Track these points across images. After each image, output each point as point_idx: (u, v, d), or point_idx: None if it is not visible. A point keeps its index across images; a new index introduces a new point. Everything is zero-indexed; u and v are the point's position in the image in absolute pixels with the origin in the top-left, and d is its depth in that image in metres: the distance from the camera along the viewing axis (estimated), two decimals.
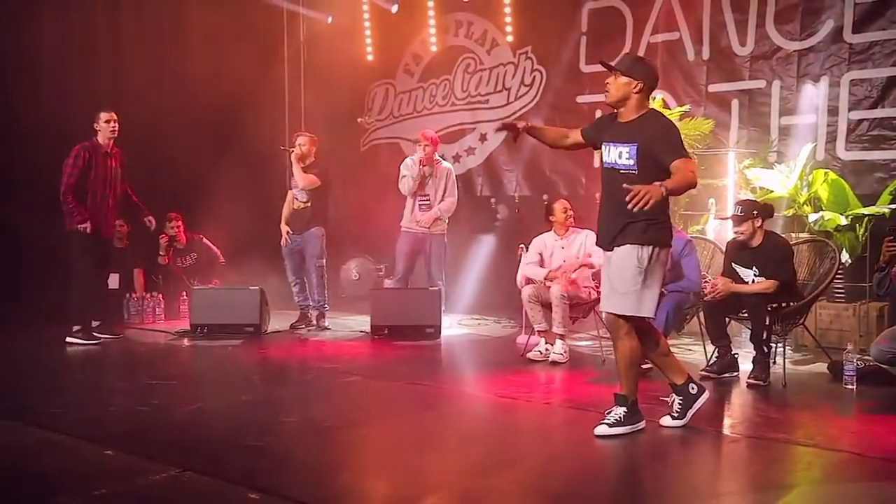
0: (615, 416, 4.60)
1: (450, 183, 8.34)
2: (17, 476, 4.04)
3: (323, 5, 11.60)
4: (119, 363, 7.28)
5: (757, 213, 6.06)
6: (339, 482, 3.94)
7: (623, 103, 4.60)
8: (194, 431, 4.92)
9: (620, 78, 4.56)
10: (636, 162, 4.47)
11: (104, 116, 7.51)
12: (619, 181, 4.46)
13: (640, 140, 4.47)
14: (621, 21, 9.55)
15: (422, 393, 5.91)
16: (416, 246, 8.33)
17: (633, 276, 4.48)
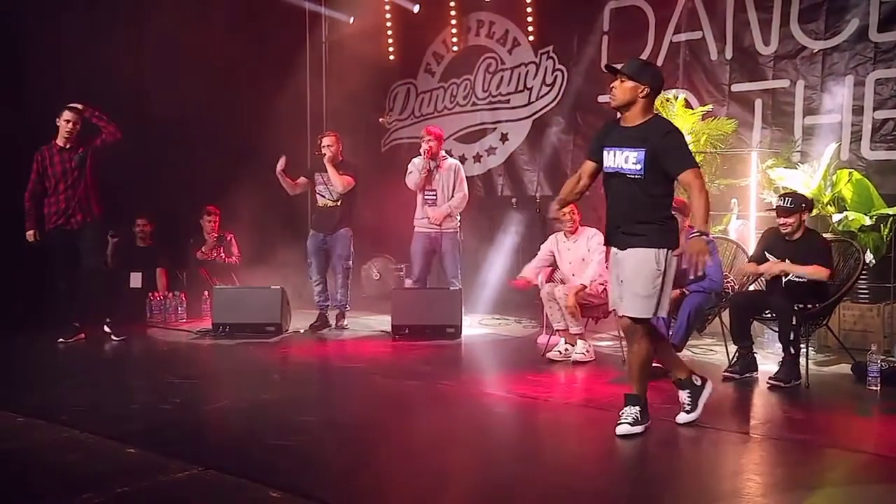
0: (632, 415, 4.63)
1: (458, 179, 8.31)
2: (41, 473, 4.10)
3: (345, 6, 11.64)
4: (141, 362, 7.34)
5: (805, 205, 6.07)
6: (360, 481, 3.96)
7: (628, 107, 4.60)
8: (216, 430, 4.97)
9: (627, 82, 4.55)
10: (644, 167, 4.49)
11: (64, 116, 7.47)
12: (626, 185, 4.56)
13: (649, 146, 4.47)
14: (644, 20, 9.50)
15: (442, 392, 5.93)
16: (429, 245, 8.31)
17: (654, 279, 4.51)
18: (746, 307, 6.11)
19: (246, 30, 10.06)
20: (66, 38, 8.80)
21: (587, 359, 6.69)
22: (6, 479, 4.02)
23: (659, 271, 4.51)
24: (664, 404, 5.37)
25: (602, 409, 5.38)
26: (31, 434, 4.77)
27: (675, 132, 4.62)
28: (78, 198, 7.52)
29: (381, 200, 10.00)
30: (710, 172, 8.19)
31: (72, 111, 7.45)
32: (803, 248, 6.00)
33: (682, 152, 4.56)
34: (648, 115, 4.62)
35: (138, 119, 9.18)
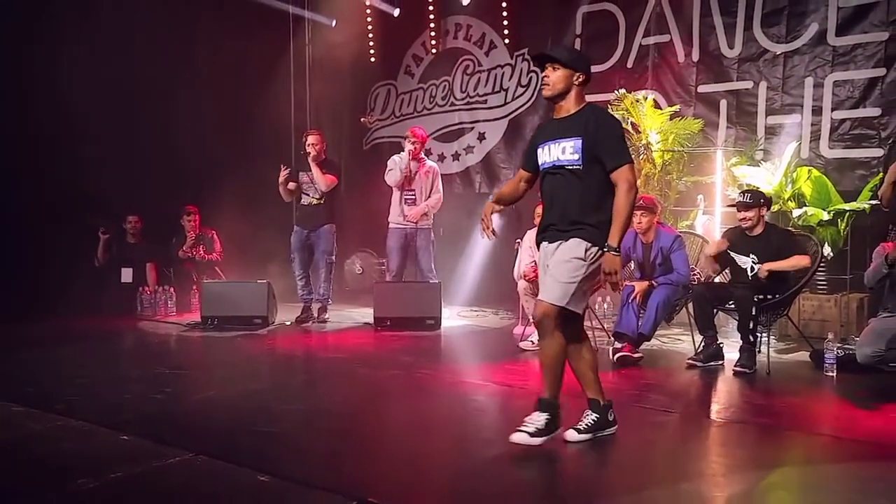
0: (536, 423, 4.15)
1: (436, 181, 8.42)
2: (38, 460, 4.09)
3: (327, 9, 11.64)
4: (133, 353, 7.34)
5: (763, 201, 6.15)
6: (343, 466, 3.99)
7: (563, 97, 4.23)
8: (206, 418, 4.97)
9: (561, 70, 4.20)
10: (581, 156, 4.09)
11: None
12: (564, 178, 4.17)
13: (585, 135, 4.09)
14: (614, 24, 9.59)
15: (423, 381, 5.97)
16: (405, 241, 8.37)
17: (577, 268, 4.09)
18: (709, 298, 6.20)
19: (231, 32, 10.02)
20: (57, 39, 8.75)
21: None
22: (4, 467, 4.01)
23: (583, 263, 4.08)
24: (633, 390, 5.49)
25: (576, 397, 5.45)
26: (27, 423, 4.75)
27: (613, 123, 4.28)
28: None
29: (363, 197, 10.05)
30: (677, 170, 8.31)
31: None
32: (764, 242, 6.11)
33: (619, 144, 4.16)
34: (583, 104, 4.25)
35: (127, 120, 9.18)
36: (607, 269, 4.05)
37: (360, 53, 11.58)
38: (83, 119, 8.66)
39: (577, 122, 4.16)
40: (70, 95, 8.45)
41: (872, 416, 4.89)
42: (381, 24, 11.51)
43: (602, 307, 7.76)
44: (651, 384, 5.68)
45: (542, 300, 4.19)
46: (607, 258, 4.04)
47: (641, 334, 6.34)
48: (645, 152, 8.32)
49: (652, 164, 8.31)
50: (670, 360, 6.54)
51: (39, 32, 8.50)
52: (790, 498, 3.64)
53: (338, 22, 11.70)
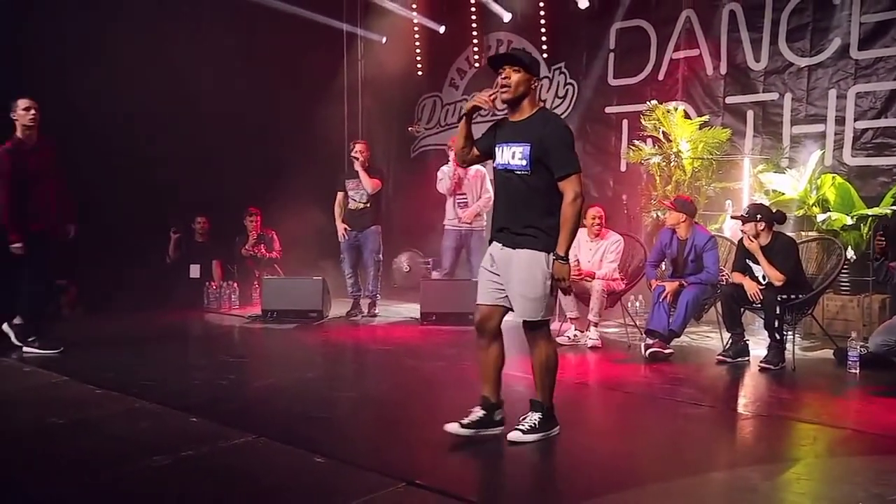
0: (530, 422, 4.06)
1: (485, 182, 8.40)
2: (118, 437, 4.18)
3: (378, 27, 11.71)
4: (200, 343, 7.43)
5: (760, 217, 6.02)
6: (393, 449, 4.01)
7: (522, 100, 3.95)
8: (266, 403, 5.02)
9: (522, 73, 3.92)
10: (529, 163, 3.87)
11: (22, 104, 6.13)
12: (514, 182, 3.95)
13: (535, 140, 3.86)
14: (646, 39, 9.50)
15: (465, 372, 5.95)
16: (459, 241, 8.39)
17: (543, 282, 3.92)
18: (737, 298, 6.11)
19: (291, 48, 10.12)
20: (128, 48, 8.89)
21: (599, 344, 6.73)
22: (87, 443, 4.10)
23: (547, 273, 3.91)
24: (664, 384, 5.43)
25: (610, 389, 5.43)
26: (107, 404, 4.85)
27: (563, 130, 3.96)
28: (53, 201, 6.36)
29: (410, 201, 10.07)
30: (706, 177, 8.21)
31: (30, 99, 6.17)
32: (772, 252, 5.99)
33: (566, 152, 3.89)
34: (535, 108, 3.99)
35: (196, 129, 9.31)
36: (556, 276, 3.91)
37: (408, 67, 11.61)
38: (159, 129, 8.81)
39: (528, 127, 3.93)
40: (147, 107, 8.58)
41: (894, 411, 4.79)
42: (428, 40, 11.54)
43: (634, 305, 7.69)
44: (681, 378, 5.61)
45: (521, 318, 4.03)
46: (556, 266, 3.89)
47: (672, 331, 6.27)
48: (675, 160, 8.24)
49: (682, 171, 8.22)
50: (700, 356, 6.46)
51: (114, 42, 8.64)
52: (814, 488, 3.58)
53: (388, 39, 11.76)
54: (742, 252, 6.20)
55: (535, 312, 3.99)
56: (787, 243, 6.06)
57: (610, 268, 6.86)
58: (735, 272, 6.23)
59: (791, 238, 6.26)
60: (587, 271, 6.85)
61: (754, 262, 6.07)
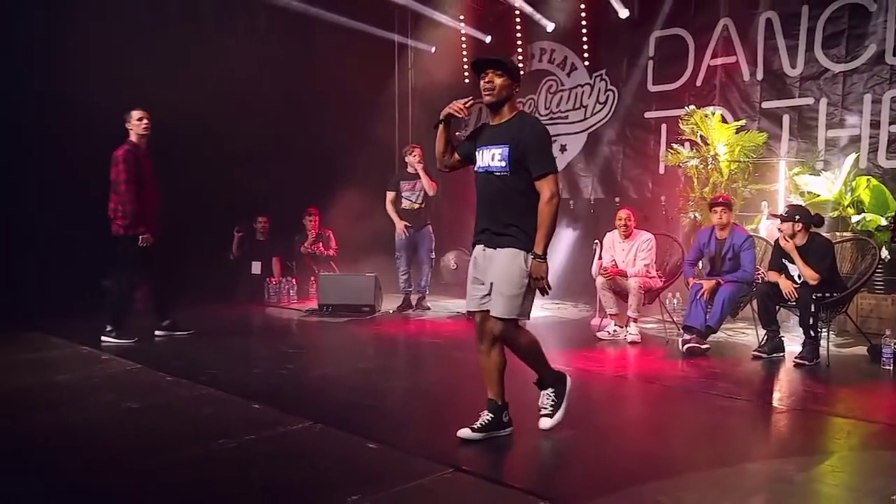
0: (550, 398, 4.10)
1: None
2: (187, 422, 4.28)
3: (427, 38, 11.76)
4: (261, 335, 7.54)
5: (798, 218, 5.92)
6: (441, 437, 4.03)
7: (503, 104, 3.86)
8: (322, 392, 5.08)
9: (505, 78, 3.82)
10: (508, 164, 3.78)
11: (136, 114, 6.47)
12: (494, 184, 3.85)
13: (513, 143, 3.77)
14: (684, 47, 9.39)
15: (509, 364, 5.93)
16: None
17: (520, 279, 3.80)
18: (772, 295, 6.01)
19: (346, 58, 10.22)
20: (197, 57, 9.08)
21: (638, 339, 6.68)
22: (159, 426, 4.20)
23: (525, 271, 3.78)
24: (701, 378, 5.37)
25: (648, 382, 5.39)
26: (177, 390, 4.97)
27: (541, 132, 3.85)
28: (156, 204, 6.65)
29: (457, 201, 10.08)
30: (742, 179, 8.09)
31: (143, 110, 6.53)
32: (808, 252, 5.89)
33: (543, 153, 3.80)
34: (514, 112, 3.89)
35: (258, 134, 9.46)
36: (534, 275, 3.76)
37: (456, 75, 11.59)
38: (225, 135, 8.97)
39: (507, 129, 3.84)
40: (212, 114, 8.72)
41: None
42: (475, 49, 11.51)
43: (672, 302, 7.62)
44: (718, 373, 5.54)
45: (494, 317, 3.87)
46: (533, 265, 3.76)
47: (709, 327, 6.20)
48: (713, 162, 8.13)
49: (719, 173, 8.11)
50: (736, 352, 6.36)
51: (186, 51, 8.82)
52: (848, 480, 3.51)
53: (436, 49, 11.81)
54: (778, 251, 6.10)
55: (508, 310, 3.83)
56: (824, 244, 5.94)
57: (642, 265, 6.79)
58: (771, 271, 6.13)
59: (827, 239, 6.13)
60: (620, 270, 6.81)
61: (790, 261, 5.97)
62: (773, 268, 6.13)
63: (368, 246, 9.68)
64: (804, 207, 6.28)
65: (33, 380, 5.27)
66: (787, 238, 5.95)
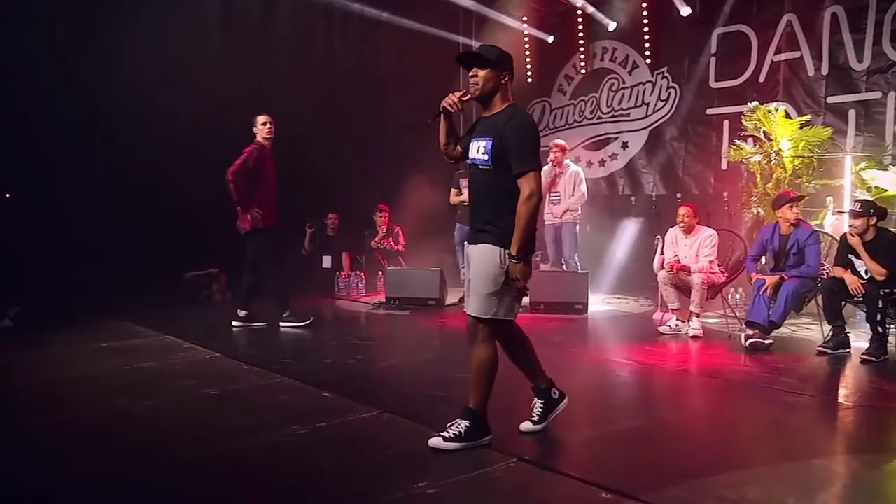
0: (456, 429, 3.63)
1: (578, 182, 8.35)
2: (262, 407, 4.36)
3: (491, 39, 11.68)
4: (332, 326, 7.59)
5: (873, 211, 5.70)
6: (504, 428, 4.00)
7: (491, 97, 3.64)
8: (390, 382, 5.11)
9: (489, 70, 3.59)
10: (490, 157, 3.56)
11: (261, 119, 6.75)
12: (478, 177, 3.67)
13: (496, 136, 3.54)
14: (747, 43, 9.10)
15: (572, 358, 5.90)
16: (555, 234, 8.44)
17: (495, 278, 3.54)
18: (838, 291, 5.79)
19: (412, 60, 10.25)
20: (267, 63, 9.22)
21: (701, 334, 6.52)
22: (236, 412, 4.29)
23: (502, 269, 3.53)
24: (764, 373, 5.20)
25: (711, 376, 5.25)
26: (253, 378, 5.06)
27: (525, 126, 3.58)
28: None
29: None
30: (807, 174, 7.80)
31: (267, 115, 6.82)
32: (877, 247, 5.66)
33: (525, 149, 3.52)
34: (506, 104, 3.64)
35: (329, 134, 9.57)
36: (511, 276, 3.51)
37: (519, 75, 11.37)
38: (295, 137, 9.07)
39: (495, 122, 3.60)
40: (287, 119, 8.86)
41: None
42: (537, 49, 11.46)
43: (734, 297, 7.43)
44: (781, 368, 5.36)
45: (468, 314, 3.67)
46: (509, 265, 3.50)
47: (772, 322, 5.99)
48: (776, 158, 7.86)
49: (783, 169, 7.83)
50: (800, 347, 6.15)
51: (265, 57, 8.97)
52: None
53: None
54: (844, 247, 5.87)
55: (481, 309, 3.59)
56: (892, 240, 5.70)
57: (706, 261, 6.62)
58: (836, 266, 5.90)
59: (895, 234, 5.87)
60: (683, 265, 6.65)
61: (856, 256, 5.74)
62: (839, 263, 5.90)
63: (434, 241, 9.69)
64: (873, 202, 6.02)
65: (118, 366, 5.44)
66: (852, 233, 5.72)
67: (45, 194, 7.61)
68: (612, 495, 3.04)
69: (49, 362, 5.59)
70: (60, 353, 5.94)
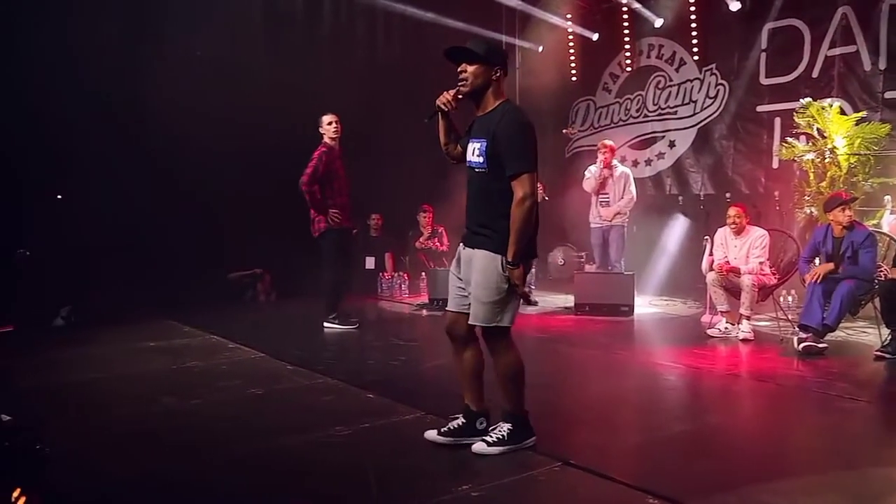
0: (498, 433, 3.57)
1: (628, 184, 8.23)
2: (306, 409, 4.40)
3: (534, 37, 11.67)
4: (375, 327, 7.62)
5: None
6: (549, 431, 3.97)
7: (483, 93, 3.50)
8: (433, 383, 5.11)
9: (479, 65, 3.46)
10: (485, 160, 3.42)
11: (326, 119, 6.80)
12: (474, 180, 3.52)
13: (489, 136, 3.40)
14: (799, 37, 8.90)
15: (617, 360, 5.84)
16: (603, 237, 8.33)
17: (498, 285, 3.42)
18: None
19: None
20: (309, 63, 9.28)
21: (751, 337, 6.39)
22: (280, 412, 4.34)
23: (504, 276, 3.40)
24: (819, 378, 5.07)
25: (761, 381, 5.13)
26: (297, 378, 5.12)
27: (520, 125, 3.41)
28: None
29: (564, 198, 9.94)
30: (863, 172, 7.60)
31: (333, 114, 6.88)
32: None
33: (519, 149, 3.36)
34: (500, 100, 3.50)
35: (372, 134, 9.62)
36: (511, 279, 3.39)
37: (563, 73, 11.52)
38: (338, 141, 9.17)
39: (489, 121, 3.46)
40: None
41: None
42: (582, 47, 11.39)
43: (786, 299, 7.25)
44: (836, 373, 5.21)
45: (472, 322, 3.53)
46: (508, 271, 3.39)
47: (826, 325, 5.83)
48: (830, 156, 7.67)
49: (837, 167, 7.63)
50: (856, 351, 5.98)
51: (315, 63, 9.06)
52: None
53: (543, 47, 11.71)
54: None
55: (487, 318, 3.48)
56: None
57: (756, 262, 6.48)
58: (895, 267, 5.73)
59: None
60: (733, 266, 6.52)
61: None
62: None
63: None
64: None
65: (165, 365, 5.56)
66: None
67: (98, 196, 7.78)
68: (659, 501, 2.99)
69: (99, 360, 5.73)
70: (110, 350, 6.09)
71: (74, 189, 7.84)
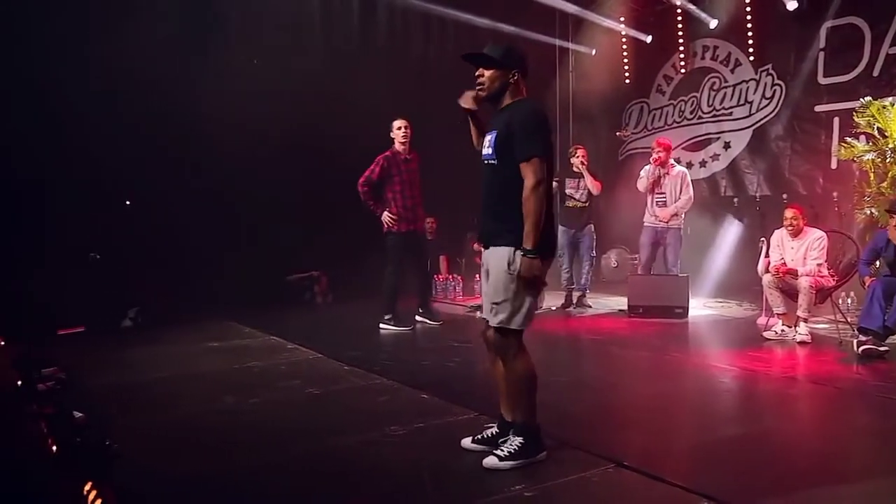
0: (509, 447, 3.41)
1: (684, 184, 8.04)
2: (363, 409, 4.45)
3: (587, 41, 11.61)
4: (429, 329, 7.63)
5: None
6: (602, 431, 3.97)
7: (501, 95, 3.48)
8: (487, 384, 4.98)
9: (495, 70, 3.45)
10: (493, 150, 3.39)
11: (396, 124, 7.12)
12: (487, 173, 3.47)
13: (501, 127, 3.37)
14: (859, 36, 8.66)
15: (671, 363, 5.77)
16: (655, 238, 8.12)
17: (506, 283, 3.33)
18: None
19: None
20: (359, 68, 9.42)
21: (809, 339, 6.24)
22: (338, 412, 4.41)
23: (512, 273, 3.30)
24: (879, 382, 4.93)
25: (819, 384, 5.02)
26: (353, 379, 5.19)
27: (530, 113, 3.37)
28: (420, 205, 7.29)
29: (618, 201, 9.87)
30: None
31: (402, 119, 7.18)
32: None
33: (529, 136, 3.29)
34: (516, 98, 3.48)
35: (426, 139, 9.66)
36: (523, 274, 3.27)
37: (616, 76, 11.43)
38: None
39: (501, 115, 3.45)
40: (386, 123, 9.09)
41: None
42: (635, 49, 11.29)
43: (846, 302, 7.06)
44: None
45: (490, 325, 3.46)
46: (523, 262, 3.26)
47: (887, 328, 5.65)
48: (892, 156, 7.43)
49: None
50: None
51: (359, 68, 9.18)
52: None
53: (597, 51, 11.63)
54: None
55: (499, 318, 3.38)
56: None
57: (814, 264, 6.33)
58: None
59: None
60: (790, 268, 6.38)
61: None
62: None
63: None
64: None
65: (227, 365, 5.70)
66: None
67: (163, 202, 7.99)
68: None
69: (165, 360, 5.91)
70: (175, 350, 6.27)
71: (142, 196, 8.08)
